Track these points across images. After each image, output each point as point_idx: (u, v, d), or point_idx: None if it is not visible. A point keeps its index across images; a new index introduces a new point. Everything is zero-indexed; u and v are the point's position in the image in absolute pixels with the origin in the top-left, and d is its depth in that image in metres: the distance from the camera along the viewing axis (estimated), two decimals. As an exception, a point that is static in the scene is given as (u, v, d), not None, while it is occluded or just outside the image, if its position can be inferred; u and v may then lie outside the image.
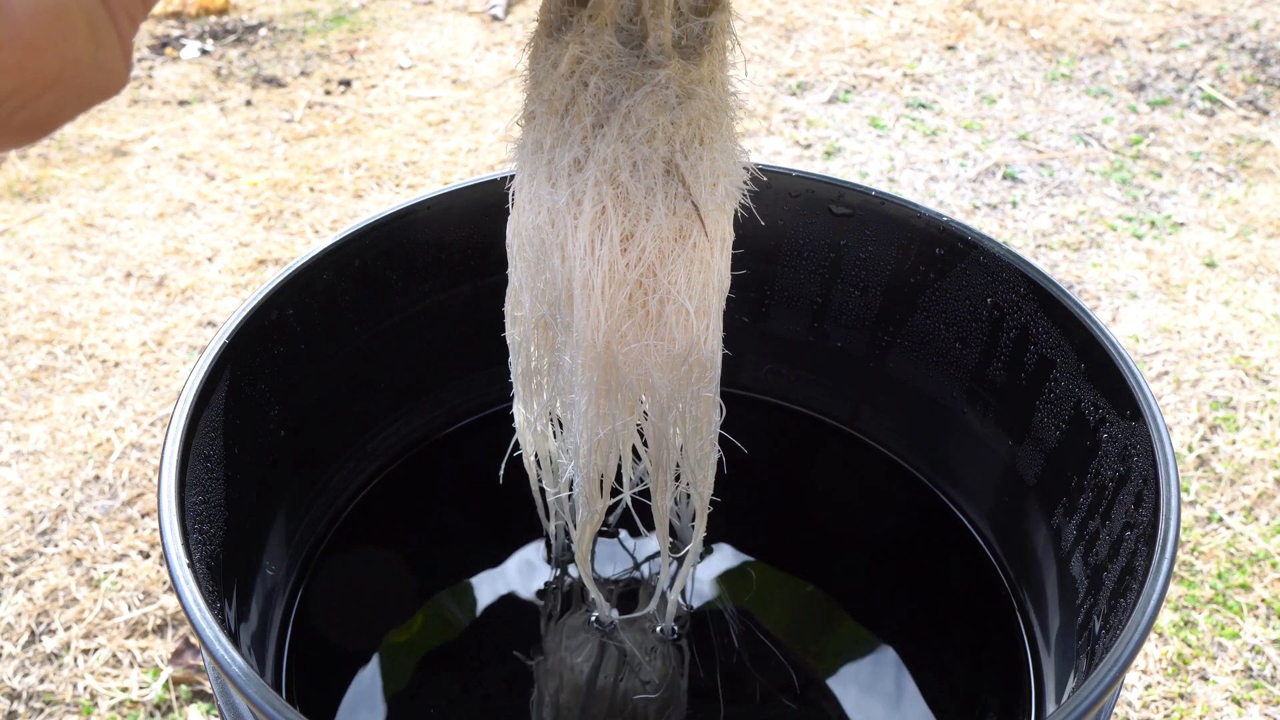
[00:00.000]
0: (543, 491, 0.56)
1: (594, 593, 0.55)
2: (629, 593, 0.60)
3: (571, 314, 0.41)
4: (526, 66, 0.40)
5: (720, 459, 0.49)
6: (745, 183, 0.41)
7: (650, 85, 0.37)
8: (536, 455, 0.53)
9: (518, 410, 0.51)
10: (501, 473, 0.54)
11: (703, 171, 0.38)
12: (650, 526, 0.51)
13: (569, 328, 0.42)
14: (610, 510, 0.58)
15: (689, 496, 0.50)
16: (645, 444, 0.46)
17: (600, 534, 0.61)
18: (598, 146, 0.38)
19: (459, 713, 0.56)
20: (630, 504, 0.50)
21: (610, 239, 0.39)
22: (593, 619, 0.57)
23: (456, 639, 0.59)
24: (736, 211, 0.42)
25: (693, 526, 0.52)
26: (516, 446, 0.53)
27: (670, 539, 0.52)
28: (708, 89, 0.38)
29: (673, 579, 0.57)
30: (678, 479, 0.48)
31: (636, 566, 0.61)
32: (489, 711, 0.56)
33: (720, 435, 0.48)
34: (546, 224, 0.40)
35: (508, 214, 0.44)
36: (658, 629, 0.57)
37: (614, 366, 0.42)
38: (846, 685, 0.56)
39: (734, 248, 0.44)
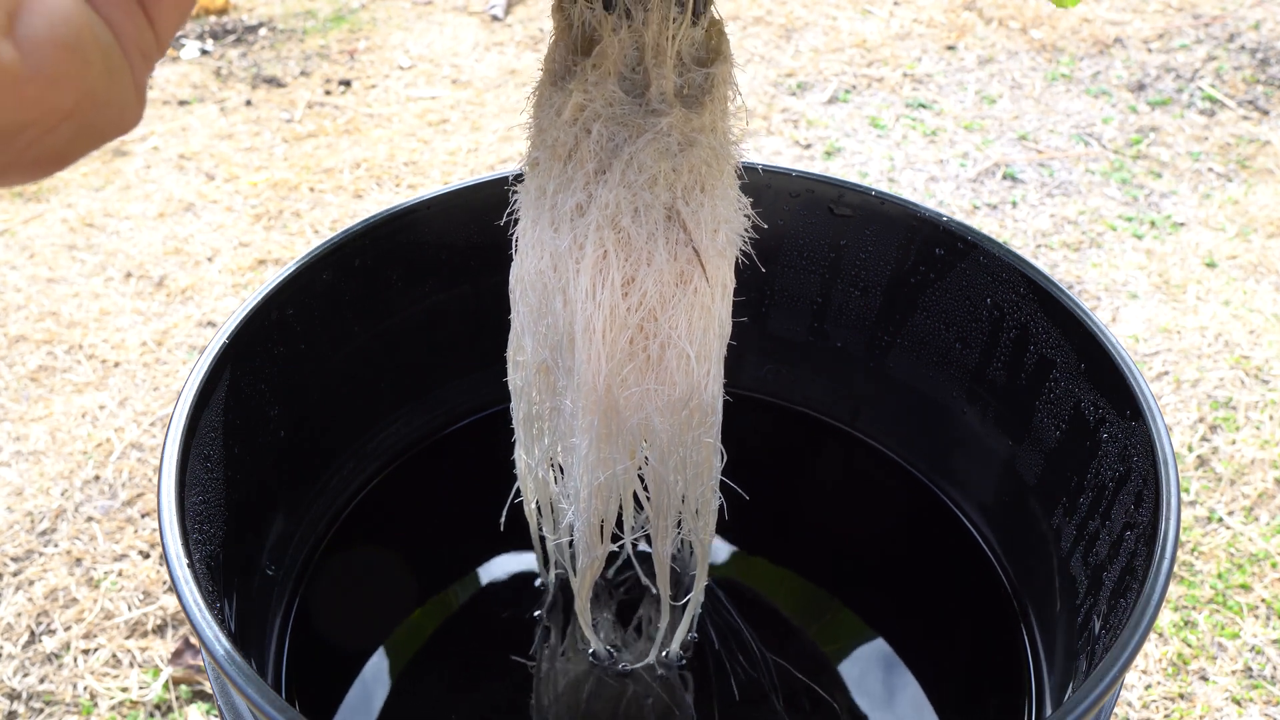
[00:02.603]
0: (543, 540, 0.55)
1: (593, 641, 0.55)
2: (629, 602, 0.60)
3: (573, 358, 0.41)
4: (530, 115, 0.40)
5: (721, 505, 0.48)
6: (746, 229, 0.41)
7: (652, 133, 0.37)
8: (538, 503, 0.52)
9: (519, 456, 0.50)
10: (502, 521, 0.54)
11: (704, 218, 0.39)
12: (651, 574, 0.50)
13: (570, 371, 0.42)
14: (610, 564, 0.58)
15: (691, 545, 0.50)
16: (646, 489, 0.46)
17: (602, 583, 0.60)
18: (600, 192, 0.38)
19: (459, 712, 0.56)
20: (632, 553, 0.50)
21: (612, 283, 0.39)
22: (589, 654, 0.57)
23: (456, 639, 0.59)
24: (739, 255, 0.42)
25: (694, 575, 0.51)
26: (518, 494, 0.53)
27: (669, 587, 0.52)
28: (709, 137, 0.38)
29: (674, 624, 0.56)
30: (679, 525, 0.47)
31: (638, 579, 0.61)
32: (489, 711, 0.56)
33: (722, 480, 0.47)
34: (549, 268, 0.40)
35: (508, 217, 0.44)
36: (662, 654, 0.56)
37: (615, 410, 0.41)
38: (846, 685, 0.56)
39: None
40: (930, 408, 0.63)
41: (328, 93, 1.88)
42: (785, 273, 0.65)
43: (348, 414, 0.62)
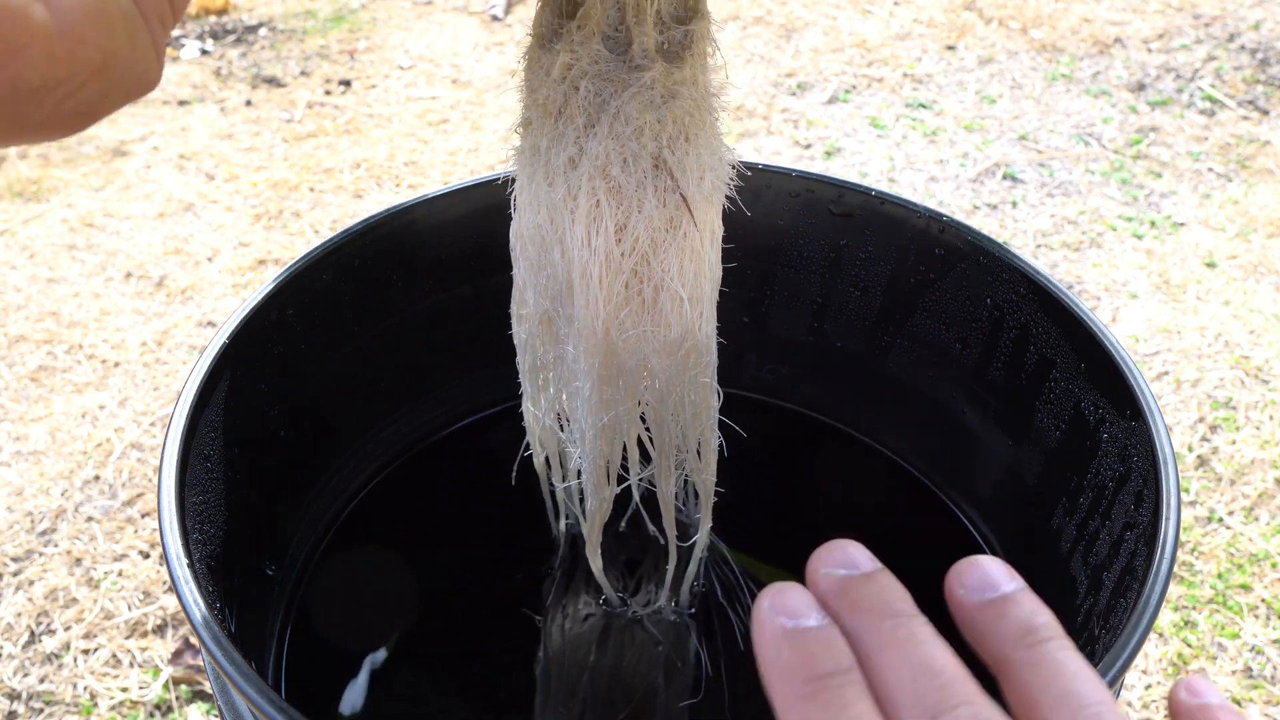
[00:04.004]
0: (553, 494, 0.57)
1: (604, 585, 0.56)
2: (638, 557, 0.60)
3: (572, 305, 0.43)
4: (522, 78, 0.42)
5: (721, 445, 0.49)
6: (731, 178, 0.43)
7: (636, 86, 0.39)
8: (547, 456, 0.54)
9: (527, 409, 0.52)
10: (514, 473, 0.55)
11: (689, 165, 0.40)
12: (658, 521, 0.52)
13: (570, 319, 0.44)
14: (619, 517, 0.59)
15: (697, 492, 0.51)
16: (649, 430, 0.47)
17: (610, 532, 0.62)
18: (590, 144, 0.40)
19: (459, 712, 0.56)
20: (640, 504, 0.51)
21: (605, 230, 0.40)
22: (600, 601, 0.58)
23: (456, 638, 0.59)
24: (732, 211, 0.44)
25: (699, 518, 0.52)
26: (527, 447, 0.54)
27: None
28: (690, 89, 0.40)
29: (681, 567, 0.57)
30: (681, 466, 0.49)
31: (652, 528, 0.61)
32: (489, 710, 0.56)
33: (721, 424, 0.49)
34: (546, 221, 0.42)
35: (509, 214, 0.45)
36: (671, 603, 0.57)
37: (614, 353, 0.43)
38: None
39: (733, 247, 0.45)
40: (930, 408, 0.63)
41: (328, 93, 1.88)
42: (785, 273, 0.65)
43: (347, 414, 0.62)
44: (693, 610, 0.57)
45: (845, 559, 0.30)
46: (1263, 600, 1.06)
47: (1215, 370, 1.31)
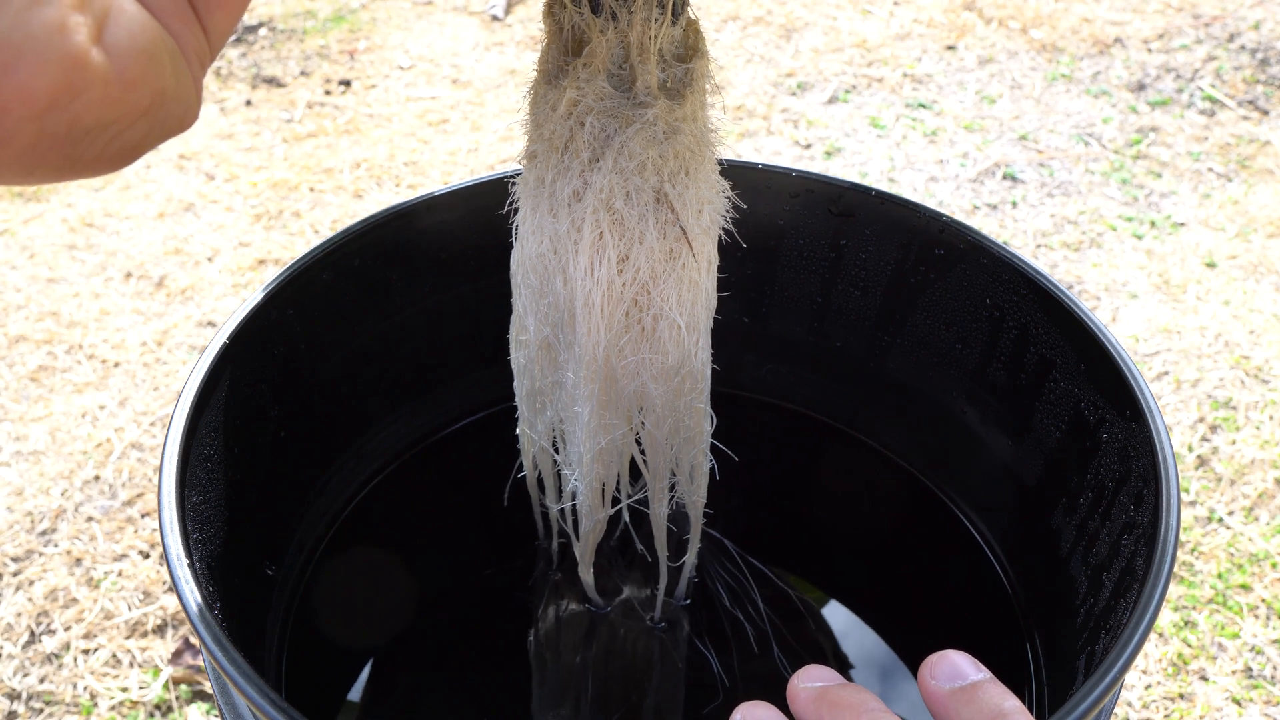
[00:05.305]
0: (544, 515, 0.57)
1: (595, 599, 0.56)
2: (628, 564, 0.61)
3: (573, 333, 0.44)
4: (527, 112, 0.43)
5: (713, 467, 0.50)
6: (726, 211, 0.44)
7: (640, 123, 0.40)
8: (540, 476, 0.54)
9: (522, 431, 0.53)
10: (506, 494, 0.55)
11: (689, 199, 0.42)
12: (647, 541, 0.53)
13: (571, 345, 0.45)
14: (610, 534, 0.60)
15: (686, 511, 0.52)
16: (644, 453, 0.48)
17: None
18: (594, 178, 0.41)
19: (459, 711, 0.56)
20: (629, 523, 0.52)
21: (608, 261, 0.42)
22: (588, 607, 0.58)
23: (456, 638, 0.59)
24: (733, 211, 0.45)
25: (688, 538, 0.53)
26: (520, 468, 0.55)
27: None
28: (691, 126, 0.41)
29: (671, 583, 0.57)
30: (673, 488, 0.50)
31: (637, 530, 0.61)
32: (488, 708, 0.56)
33: (713, 444, 0.50)
34: (549, 251, 0.43)
35: (510, 220, 0.45)
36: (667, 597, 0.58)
37: (613, 379, 0.44)
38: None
39: (734, 247, 0.45)
40: (930, 408, 0.63)
41: (328, 93, 1.88)
42: (785, 273, 0.65)
43: (348, 414, 0.62)
44: (688, 600, 0.58)
45: (822, 675, 0.35)
46: (1263, 600, 1.06)
47: (1215, 370, 1.31)
